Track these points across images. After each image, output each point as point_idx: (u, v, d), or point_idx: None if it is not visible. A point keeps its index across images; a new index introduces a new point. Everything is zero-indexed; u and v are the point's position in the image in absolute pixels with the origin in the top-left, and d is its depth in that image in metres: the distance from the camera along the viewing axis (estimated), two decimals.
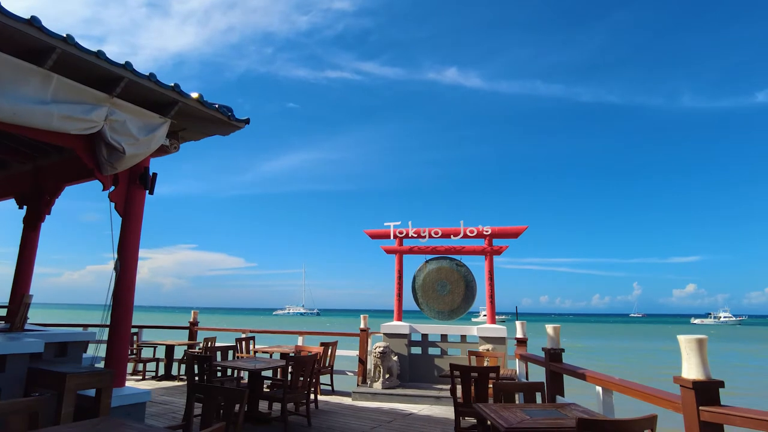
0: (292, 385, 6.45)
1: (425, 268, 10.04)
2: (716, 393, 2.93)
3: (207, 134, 6.35)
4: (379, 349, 8.59)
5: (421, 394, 8.27)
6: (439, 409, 7.68)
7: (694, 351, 2.97)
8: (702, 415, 2.90)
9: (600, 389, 4.22)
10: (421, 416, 7.30)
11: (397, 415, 7.35)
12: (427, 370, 9.27)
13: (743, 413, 2.74)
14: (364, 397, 8.38)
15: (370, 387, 8.61)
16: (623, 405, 4.47)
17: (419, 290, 9.96)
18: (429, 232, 9.94)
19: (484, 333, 9.06)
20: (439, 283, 9.85)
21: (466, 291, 9.74)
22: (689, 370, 2.99)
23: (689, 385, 2.95)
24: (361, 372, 9.24)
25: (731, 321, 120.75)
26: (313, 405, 7.54)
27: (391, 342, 9.35)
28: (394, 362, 8.90)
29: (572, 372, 4.76)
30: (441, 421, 6.96)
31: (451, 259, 9.99)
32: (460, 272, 9.82)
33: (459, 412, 5.59)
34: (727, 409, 2.84)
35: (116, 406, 4.62)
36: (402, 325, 9.52)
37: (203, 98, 5.43)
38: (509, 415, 3.89)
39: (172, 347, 10.23)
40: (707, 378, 2.94)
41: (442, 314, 9.82)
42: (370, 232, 10.39)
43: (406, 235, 10.10)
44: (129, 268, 5.39)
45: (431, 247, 10.05)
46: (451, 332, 9.52)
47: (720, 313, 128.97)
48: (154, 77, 4.80)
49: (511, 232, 9.76)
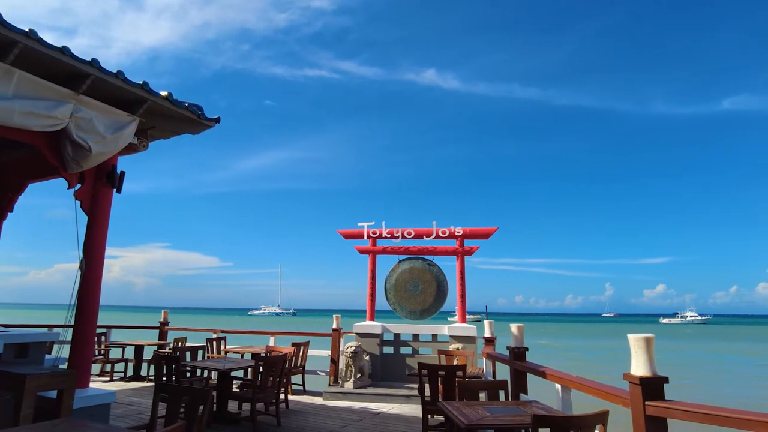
0: (262, 385, 6.45)
1: (398, 268, 10.13)
2: (661, 388, 3.08)
3: (177, 133, 6.31)
4: (351, 348, 8.64)
5: (392, 393, 8.35)
6: (409, 408, 7.77)
7: (642, 349, 3.11)
8: (647, 410, 3.05)
9: (559, 387, 4.36)
10: (390, 415, 7.39)
11: (367, 414, 7.42)
12: (398, 370, 9.36)
13: (684, 407, 2.90)
14: (335, 396, 8.42)
15: (342, 386, 8.66)
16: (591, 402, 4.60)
17: (392, 290, 10.05)
18: (402, 233, 10.04)
19: (455, 332, 9.19)
20: (412, 283, 9.95)
21: (438, 291, 9.87)
22: (637, 368, 3.13)
23: (637, 382, 3.09)
24: (333, 372, 9.28)
25: (697, 320, 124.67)
26: (283, 405, 7.55)
27: (363, 342, 9.41)
28: (366, 362, 8.96)
29: (534, 370, 4.90)
30: (410, 419, 7.06)
31: (423, 260, 10.10)
32: (432, 272, 9.94)
33: (426, 410, 5.70)
34: (670, 404, 2.99)
35: (79, 407, 4.57)
36: (374, 324, 9.59)
37: (172, 96, 5.40)
38: (471, 413, 3.99)
39: (141, 347, 10.09)
40: (653, 375, 3.08)
41: (414, 314, 9.93)
42: (343, 232, 10.43)
43: (379, 235, 10.17)
44: (95, 267, 5.32)
45: (404, 248, 10.15)
46: (423, 332, 9.64)
47: (687, 312, 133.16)
48: (122, 75, 4.76)
49: (482, 233, 9.93)
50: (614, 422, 3.73)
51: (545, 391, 5.63)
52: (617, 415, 3.66)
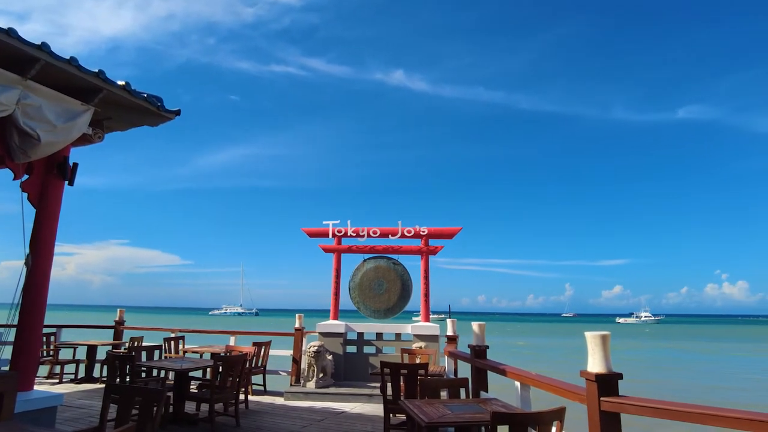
0: (221, 385, 6.30)
1: (363, 267, 10.09)
2: (615, 385, 3.16)
3: (135, 124, 6.08)
4: (313, 348, 8.55)
5: (355, 392, 8.31)
6: (371, 407, 7.75)
7: (598, 347, 3.19)
8: (602, 405, 3.12)
9: (518, 384, 4.43)
10: (352, 414, 7.35)
11: (328, 413, 7.35)
12: (361, 369, 9.32)
13: (635, 402, 2.98)
14: (296, 396, 8.31)
15: (304, 386, 8.56)
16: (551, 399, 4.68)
17: (356, 289, 9.99)
18: (368, 232, 10.00)
19: (418, 331, 9.23)
20: (376, 282, 9.93)
21: (403, 290, 9.89)
22: (593, 365, 3.20)
23: (593, 378, 3.16)
24: (295, 371, 9.16)
25: (651, 320, 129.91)
26: (243, 405, 7.40)
27: (326, 341, 9.33)
28: (329, 361, 8.89)
29: (494, 368, 4.96)
30: (372, 418, 7.03)
31: (388, 259, 10.10)
32: (396, 271, 9.95)
33: (388, 409, 5.68)
34: (623, 399, 3.07)
35: (22, 411, 4.33)
36: (338, 324, 9.53)
37: (130, 86, 5.19)
38: (432, 411, 4.00)
39: (94, 348, 9.69)
40: (608, 371, 3.16)
41: (378, 313, 9.91)
42: (308, 231, 10.31)
43: (344, 234, 10.11)
44: (42, 264, 5.07)
45: (369, 246, 10.12)
46: (387, 330, 9.63)
47: (642, 312, 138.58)
48: (76, 61, 4.55)
49: (446, 233, 10.01)
50: (572, 418, 3.81)
51: (506, 389, 5.71)
52: (575, 411, 3.73)
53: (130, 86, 5.16)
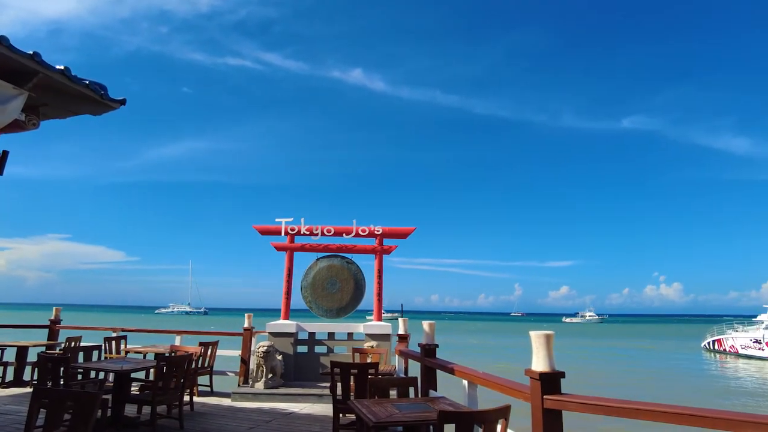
0: (164, 386, 6.07)
1: (316, 266, 9.98)
2: (558, 383, 3.26)
3: (75, 113, 5.74)
4: (262, 348, 8.38)
5: (304, 392, 8.21)
6: (321, 407, 7.68)
7: (542, 346, 3.27)
8: (545, 403, 3.21)
9: (466, 383, 4.50)
10: (302, 415, 7.26)
11: (277, 414, 7.23)
12: (312, 369, 9.22)
13: (577, 399, 3.08)
14: (244, 397, 8.13)
15: (252, 387, 8.38)
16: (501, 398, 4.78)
17: (308, 288, 9.87)
18: (322, 230, 9.91)
19: (370, 330, 9.22)
20: (329, 281, 9.84)
21: (356, 289, 9.85)
22: (537, 363, 3.29)
23: (536, 377, 3.24)
24: (243, 372, 8.95)
25: (595, 319, 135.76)
26: (188, 407, 7.15)
27: (276, 341, 9.17)
28: (279, 361, 8.74)
29: (443, 366, 5.02)
30: (321, 418, 6.97)
31: (342, 257, 10.04)
32: (350, 270, 9.90)
33: (338, 409, 5.64)
34: (565, 397, 3.17)
35: None
36: (288, 323, 9.38)
37: (70, 72, 4.90)
38: (380, 410, 4.00)
39: (25, 349, 9.10)
40: (551, 370, 3.25)
41: (331, 312, 9.83)
42: (260, 228, 10.09)
43: (298, 232, 9.96)
44: None
45: (323, 245, 10.02)
46: (339, 330, 9.57)
47: (586, 312, 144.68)
48: (6, 41, 4.24)
49: (400, 233, 10.06)
50: (517, 416, 3.90)
51: (456, 388, 5.80)
52: (522, 409, 3.82)
53: (69, 71, 4.86)
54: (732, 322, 43.27)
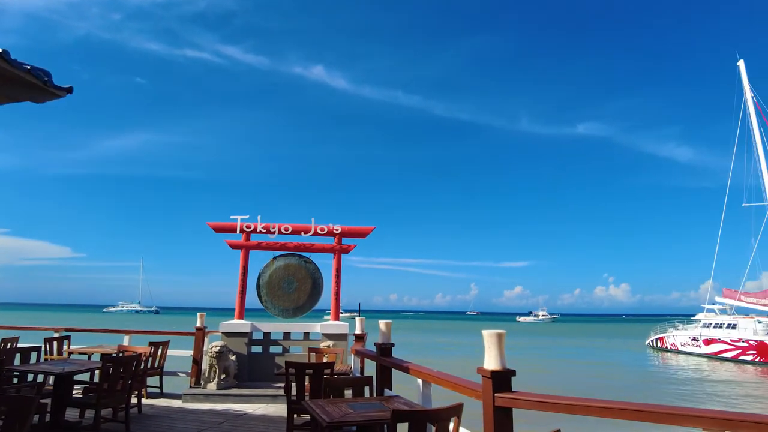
0: (110, 388, 5.81)
1: (272, 264, 9.80)
2: (509, 381, 3.33)
3: (15, 99, 5.40)
4: (215, 348, 8.18)
5: (258, 393, 8.07)
6: (276, 408, 7.57)
7: (494, 344, 3.33)
8: (496, 401, 3.27)
9: (420, 381, 4.53)
10: (255, 416, 7.13)
11: (229, 415, 7.08)
12: (267, 369, 9.07)
13: (527, 397, 3.16)
14: (196, 399, 7.91)
15: (204, 388, 8.16)
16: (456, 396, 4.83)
17: (264, 287, 9.68)
18: (279, 228, 9.75)
19: (327, 330, 9.16)
20: (286, 280, 9.70)
21: (313, 288, 9.74)
22: (489, 362, 3.35)
23: (488, 375, 3.30)
24: (195, 373, 8.70)
25: (547, 319, 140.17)
26: (135, 410, 6.89)
27: (230, 341, 8.96)
28: (232, 362, 8.55)
29: (398, 366, 5.04)
30: (275, 419, 6.87)
31: (299, 256, 9.91)
32: (308, 269, 9.79)
33: (292, 409, 5.57)
34: (515, 395, 3.24)
35: None
36: (243, 323, 9.18)
37: (9, 55, 4.61)
38: (334, 410, 3.97)
39: None
40: (503, 368, 3.32)
41: (287, 312, 9.69)
42: (214, 225, 9.82)
43: (254, 229, 9.76)
44: None
45: (280, 244, 9.86)
46: (295, 330, 9.45)
47: (539, 311, 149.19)
48: None
49: (359, 232, 10.03)
50: (470, 414, 3.95)
51: (413, 387, 5.83)
52: (474, 407, 3.88)
53: (8, 55, 4.58)
54: (673, 321, 45.55)
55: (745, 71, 41.08)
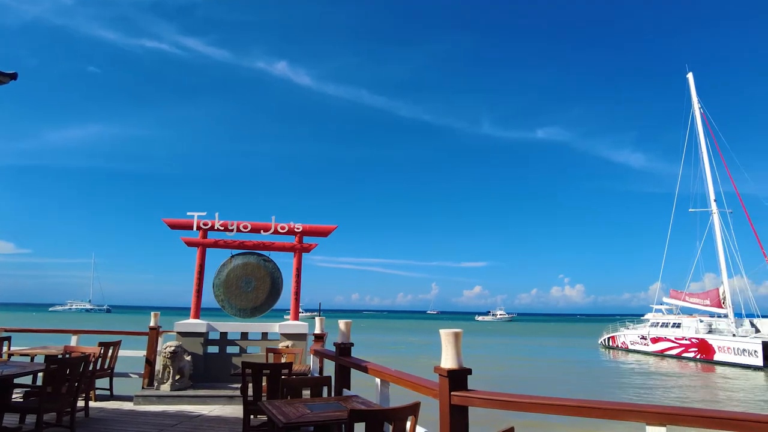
0: (54, 392, 5.55)
1: (230, 263, 9.60)
2: (465, 379, 3.38)
3: None
4: (170, 348, 7.94)
5: (214, 394, 7.90)
6: (232, 409, 7.43)
7: (450, 343, 3.38)
8: (453, 399, 3.32)
9: (378, 381, 4.54)
10: (210, 417, 6.97)
11: (183, 417, 6.89)
12: (223, 370, 8.88)
13: (482, 395, 3.22)
14: (148, 400, 7.66)
15: (157, 389, 7.91)
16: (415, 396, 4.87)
17: (221, 286, 9.47)
18: (238, 226, 9.55)
19: (286, 330, 9.05)
20: (244, 279, 9.51)
21: (272, 288, 9.60)
22: (446, 361, 3.39)
23: (445, 374, 3.35)
24: (148, 374, 8.43)
25: (505, 318, 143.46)
26: (82, 413, 6.61)
27: (185, 341, 8.73)
28: (187, 362, 8.33)
29: (357, 365, 5.04)
30: (231, 420, 6.74)
31: (258, 255, 9.74)
32: (267, 268, 9.63)
33: (248, 410, 5.49)
34: (471, 393, 3.29)
35: None
36: (199, 323, 8.96)
37: None
38: (291, 411, 3.93)
39: None
40: (459, 367, 3.37)
41: (245, 312, 9.50)
42: (170, 222, 9.53)
43: (211, 227, 9.52)
44: None
45: (239, 242, 9.67)
46: (253, 330, 9.29)
47: (497, 311, 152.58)
48: None
49: (321, 231, 9.96)
50: (428, 412, 4.00)
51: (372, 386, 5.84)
52: (432, 405, 3.92)
53: None
54: (624, 320, 47.45)
55: (693, 84, 43.28)
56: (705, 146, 40.87)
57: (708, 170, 40.19)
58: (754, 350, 29.50)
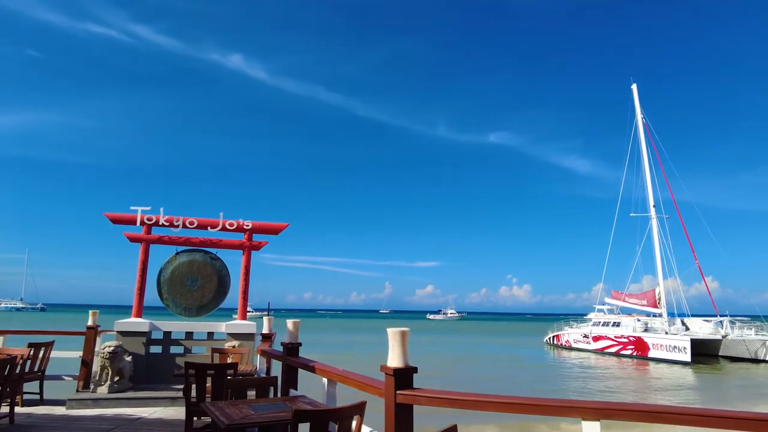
0: None
1: (175, 260, 9.25)
2: (411, 378, 3.41)
3: None
4: (109, 348, 7.58)
5: (156, 396, 7.61)
6: (174, 411, 7.18)
7: (398, 342, 3.39)
8: (398, 398, 3.33)
9: (325, 380, 4.51)
10: (151, 420, 6.71)
11: (122, 421, 6.59)
12: (167, 370, 8.55)
13: (427, 394, 3.25)
14: (83, 404, 7.27)
15: (94, 392, 7.54)
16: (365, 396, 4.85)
17: (166, 284, 9.11)
18: (184, 222, 9.22)
19: (233, 329, 8.83)
20: (190, 277, 9.20)
21: (219, 286, 9.33)
22: (392, 359, 3.41)
23: (391, 373, 3.36)
24: (84, 376, 8.01)
25: (455, 317, 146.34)
26: (7, 420, 6.20)
27: (125, 341, 8.35)
28: (127, 363, 7.98)
29: (304, 365, 4.98)
30: (173, 423, 6.52)
31: (205, 252, 9.45)
32: (214, 266, 9.36)
33: (191, 412, 5.31)
34: (416, 391, 3.32)
35: None
36: (141, 322, 8.60)
37: None
38: (234, 412, 3.84)
39: None
40: (405, 365, 3.39)
41: (190, 311, 9.19)
42: (111, 216, 9.09)
43: (156, 222, 9.15)
44: None
45: (185, 238, 9.34)
46: (198, 329, 9.01)
47: (448, 310, 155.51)
48: None
49: (272, 228, 9.78)
50: (376, 411, 3.99)
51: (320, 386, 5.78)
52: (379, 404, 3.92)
53: None
54: (568, 320, 49.40)
55: (637, 94, 45.67)
56: (646, 155, 43.27)
57: (648, 177, 42.60)
58: (684, 347, 31.44)
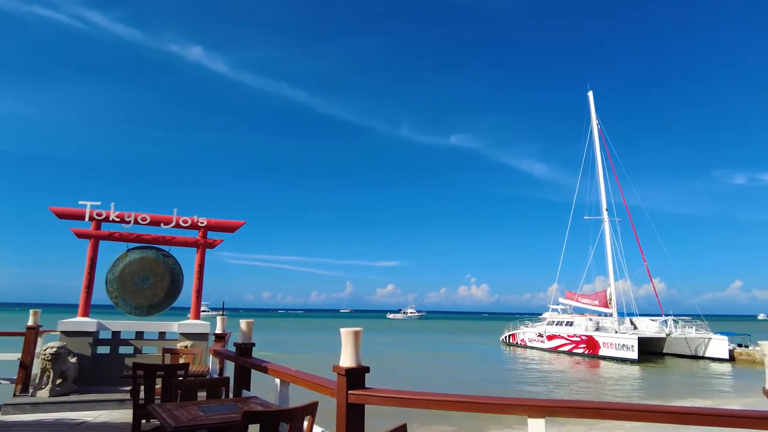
0: None
1: (126, 257, 8.92)
2: (362, 378, 3.41)
3: None
4: (51, 350, 7.23)
5: (102, 398, 7.32)
6: (121, 414, 6.93)
7: (350, 342, 3.39)
8: (350, 398, 3.33)
9: (278, 381, 4.46)
10: (95, 424, 6.45)
11: (64, 426, 6.31)
12: (115, 372, 8.24)
13: (379, 393, 3.27)
14: (21, 409, 6.91)
15: (33, 396, 7.17)
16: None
17: (115, 282, 8.78)
18: (135, 218, 8.91)
19: (186, 329, 8.60)
20: (141, 275, 8.89)
21: (171, 285, 9.06)
22: (345, 359, 3.40)
23: (343, 372, 3.35)
24: (22, 379, 7.61)
25: (415, 316, 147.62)
26: None
27: (70, 341, 7.99)
28: (72, 364, 7.64)
29: (257, 366, 4.91)
30: (119, 426, 6.29)
31: (157, 250, 9.15)
32: (166, 264, 9.07)
33: (138, 414, 5.13)
34: (368, 391, 3.33)
35: None
36: (87, 321, 8.25)
37: None
38: (182, 414, 3.74)
39: None
40: (357, 365, 3.39)
41: (141, 310, 8.88)
42: (58, 210, 8.67)
43: (106, 218, 8.80)
44: None
45: (136, 235, 9.02)
46: (150, 329, 8.73)
47: (408, 309, 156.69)
48: None
49: (227, 226, 9.58)
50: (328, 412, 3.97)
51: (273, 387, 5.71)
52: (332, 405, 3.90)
53: None
54: (524, 319, 50.64)
55: (593, 101, 47.28)
56: (600, 160, 44.91)
57: (602, 182, 44.23)
58: (631, 345, 32.82)
